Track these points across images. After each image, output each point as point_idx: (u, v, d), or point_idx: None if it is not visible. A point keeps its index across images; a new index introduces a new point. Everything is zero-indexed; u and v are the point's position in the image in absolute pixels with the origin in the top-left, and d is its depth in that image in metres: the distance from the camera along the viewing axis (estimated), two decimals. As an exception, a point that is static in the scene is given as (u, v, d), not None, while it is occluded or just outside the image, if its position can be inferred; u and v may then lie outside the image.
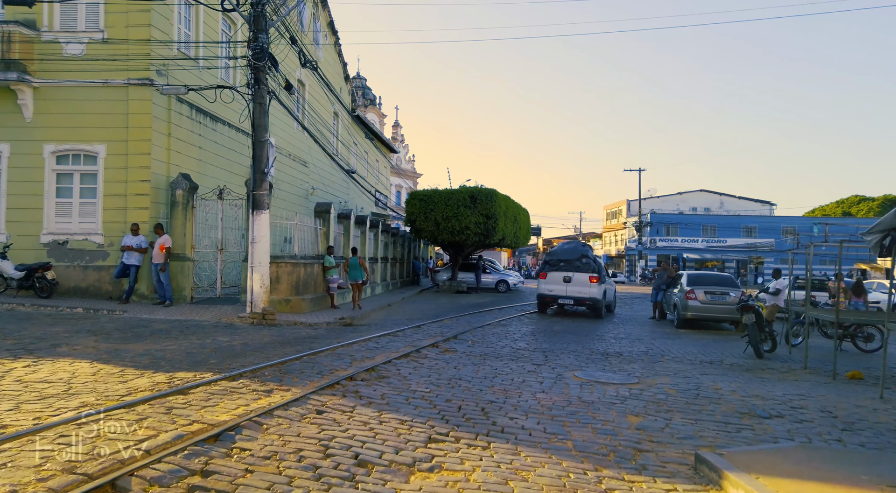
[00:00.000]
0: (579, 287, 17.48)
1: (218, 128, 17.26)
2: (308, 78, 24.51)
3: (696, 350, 12.16)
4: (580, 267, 17.70)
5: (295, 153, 23.79)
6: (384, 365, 8.28)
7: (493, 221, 25.76)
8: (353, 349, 9.61)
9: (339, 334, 11.82)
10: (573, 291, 17.49)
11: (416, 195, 26.76)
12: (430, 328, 13.32)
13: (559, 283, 17.67)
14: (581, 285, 17.44)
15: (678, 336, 14.61)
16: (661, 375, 8.99)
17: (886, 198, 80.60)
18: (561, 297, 17.71)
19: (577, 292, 17.51)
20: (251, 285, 13.01)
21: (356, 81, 60.46)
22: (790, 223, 66.67)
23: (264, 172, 13.05)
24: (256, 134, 13.10)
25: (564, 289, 17.59)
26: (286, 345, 9.90)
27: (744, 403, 7.30)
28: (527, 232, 33.98)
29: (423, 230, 26.30)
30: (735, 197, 76.18)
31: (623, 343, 12.82)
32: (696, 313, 15.83)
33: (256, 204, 13.07)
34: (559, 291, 17.69)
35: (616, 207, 78.02)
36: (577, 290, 17.48)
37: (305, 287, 15.39)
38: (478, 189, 26.11)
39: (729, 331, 16.26)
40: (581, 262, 17.81)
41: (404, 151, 66.68)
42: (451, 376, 7.98)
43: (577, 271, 17.61)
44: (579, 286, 17.46)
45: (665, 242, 65.62)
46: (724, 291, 15.85)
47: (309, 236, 16.75)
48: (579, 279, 17.46)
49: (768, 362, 10.89)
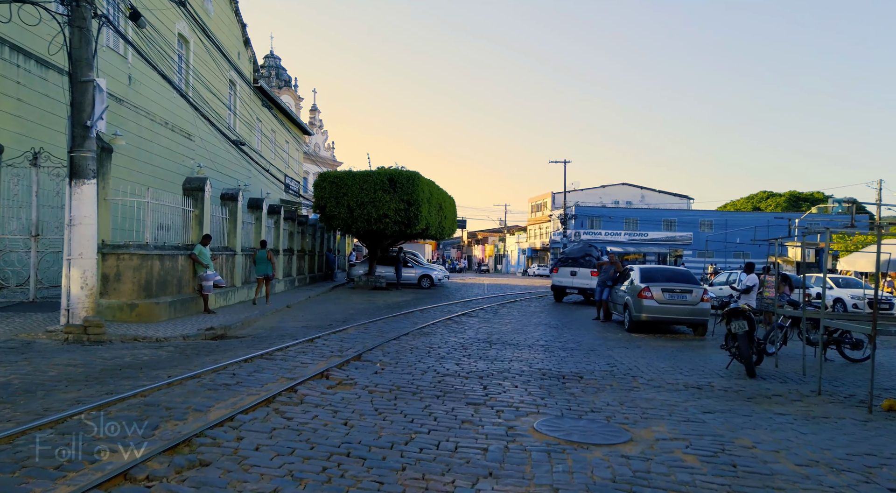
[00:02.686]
0: (582, 280, 21.08)
1: (50, 76, 13.03)
2: (194, 35, 20.30)
3: (666, 366, 9.53)
4: (584, 264, 21.26)
5: (175, 123, 19.56)
6: (216, 430, 4.85)
7: (415, 208, 22.55)
8: (185, 390, 6.12)
9: (189, 356, 8.25)
10: (578, 282, 21.19)
11: (325, 177, 22.96)
12: (326, 343, 9.94)
13: (567, 276, 21.55)
14: (584, 277, 20.99)
15: (635, 344, 12.05)
16: (653, 418, 6.16)
17: (792, 194, 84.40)
18: (568, 287, 21.75)
19: (581, 284, 21.19)
20: (68, 285, 9.16)
21: (269, 60, 55.49)
22: (707, 217, 67.96)
23: (87, 125, 9.18)
24: (76, 71, 9.19)
25: (571, 281, 21.45)
26: (85, 383, 6.29)
27: (809, 480, 4.52)
28: (453, 222, 30.92)
29: (334, 218, 22.64)
30: (655, 191, 77.27)
31: (576, 357, 10.03)
32: (652, 314, 13.35)
33: (76, 170, 9.19)
34: (567, 282, 21.65)
35: (541, 199, 77.00)
36: (581, 281, 21.14)
37: (163, 287, 11.60)
38: (398, 171, 22.79)
39: (687, 335, 13.93)
40: (585, 259, 21.39)
41: (323, 137, 62.12)
42: (333, 446, 4.71)
43: (582, 267, 21.20)
44: (583, 279, 21.05)
45: (589, 235, 65.14)
46: (683, 288, 13.46)
47: (174, 221, 12.90)
48: (583, 273, 21.01)
49: (766, 384, 8.37)
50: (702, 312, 13.34)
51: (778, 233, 58.43)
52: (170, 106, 18.84)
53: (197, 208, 13.43)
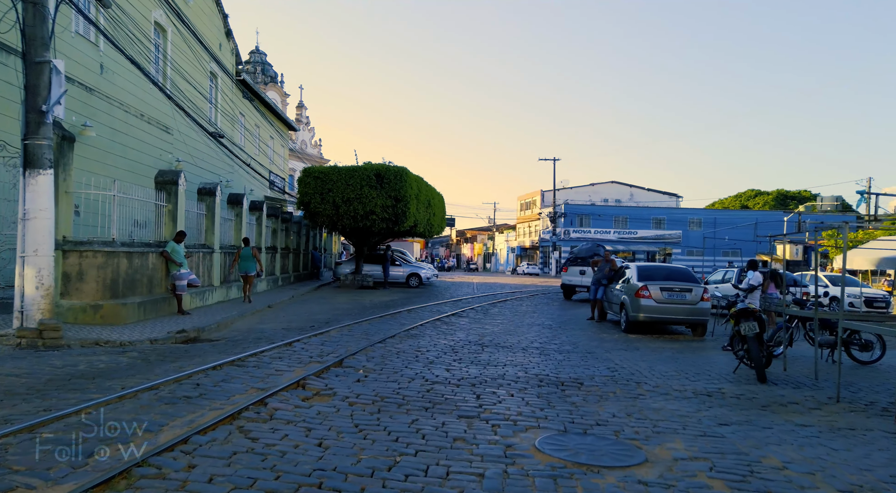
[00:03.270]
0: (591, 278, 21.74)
1: (10, 61, 12.17)
2: (171, 24, 19.45)
3: (669, 370, 8.94)
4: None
5: (152, 115, 18.69)
6: (165, 456, 4.12)
7: (403, 205, 21.81)
8: (137, 405, 5.38)
9: (152, 363, 7.50)
10: (586, 281, 21.14)
11: (310, 172, 22.10)
12: (306, 347, 9.23)
13: (577, 275, 22.49)
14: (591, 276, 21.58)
15: (633, 345, 11.46)
16: (666, 432, 5.53)
17: (779, 192, 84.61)
18: (577, 285, 22.49)
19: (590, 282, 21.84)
20: (21, 285, 8.37)
21: (255, 56, 54.40)
22: (696, 215, 67.76)
23: (42, 110, 8.39)
24: (30, 50, 8.39)
25: (580, 280, 22.06)
26: (24, 396, 5.54)
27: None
28: (441, 219, 30.20)
29: (319, 215, 21.83)
30: (644, 189, 77.04)
31: (574, 360, 9.40)
32: (650, 314, 12.76)
33: (31, 159, 8.40)
34: (576, 281, 22.51)
35: (530, 197, 76.46)
36: (589, 280, 21.19)
37: (131, 287, 10.81)
38: (385, 167, 22.03)
39: (685, 335, 13.37)
40: (593, 259, 21.34)
41: (310, 134, 61.12)
42: (302, 474, 4.02)
43: (589, 266, 21.49)
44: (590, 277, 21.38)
45: (578, 234, 64.79)
46: (683, 287, 12.88)
47: (147, 216, 12.10)
48: (590, 272, 20.93)
49: (779, 390, 7.79)
50: (702, 312, 12.77)
51: (767, 231, 58.49)
52: (146, 97, 17.96)
53: (170, 203, 12.63)
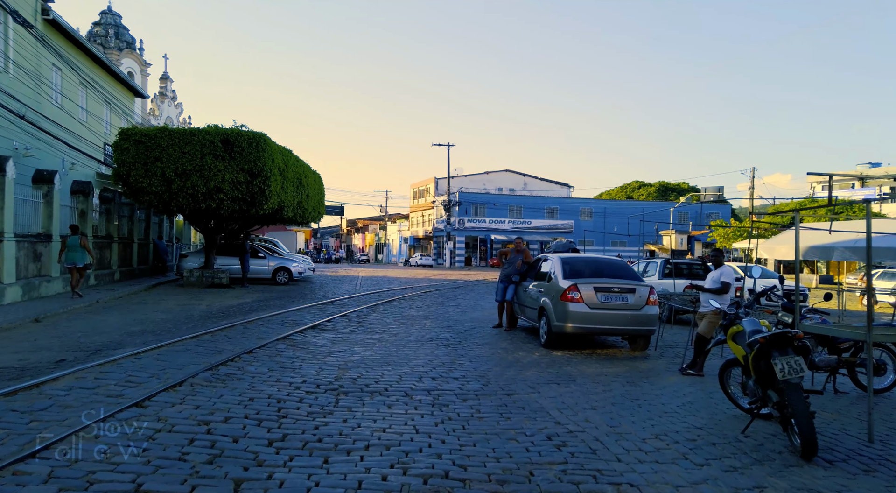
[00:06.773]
0: None
1: None
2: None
3: (642, 429, 5.44)
4: None
5: None
6: None
7: (261, 181, 17.09)
8: None
9: None
10: None
11: (128, 135, 16.49)
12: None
13: None
14: None
15: (564, 372, 7.95)
16: None
17: (661, 184, 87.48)
18: None
19: None
20: None
21: (107, 17, 45.99)
22: (587, 205, 67.85)
23: None
24: None
25: None
26: None
27: None
28: (319, 203, 25.41)
29: (143, 191, 16.46)
30: (538, 178, 76.63)
31: (487, 417, 5.65)
32: (581, 324, 9.29)
33: None
34: None
35: (424, 184, 73.08)
36: None
37: None
38: (236, 131, 17.11)
39: (621, 348, 10.13)
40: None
41: (177, 110, 53.26)
42: None
43: None
44: None
45: (473, 223, 62.44)
46: (624, 287, 9.52)
47: None
48: None
49: (839, 478, 4.44)
50: (649, 320, 9.50)
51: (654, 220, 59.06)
52: None
53: None
